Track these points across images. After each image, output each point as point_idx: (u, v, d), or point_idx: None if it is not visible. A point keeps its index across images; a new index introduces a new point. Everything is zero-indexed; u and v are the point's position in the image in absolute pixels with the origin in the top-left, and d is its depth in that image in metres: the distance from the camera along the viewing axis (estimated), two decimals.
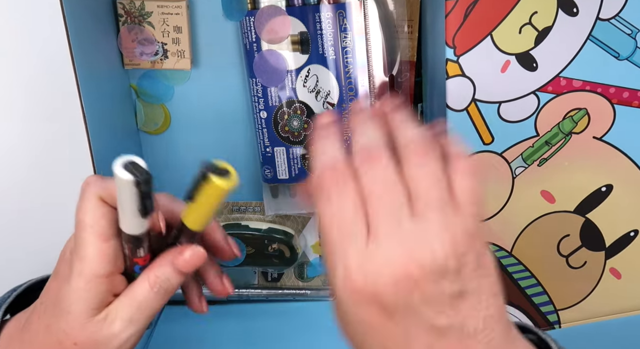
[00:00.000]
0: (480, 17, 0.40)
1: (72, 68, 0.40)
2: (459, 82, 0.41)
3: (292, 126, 0.50)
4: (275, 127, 0.50)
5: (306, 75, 0.49)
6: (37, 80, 0.43)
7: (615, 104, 0.42)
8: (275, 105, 0.50)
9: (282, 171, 0.51)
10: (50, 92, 0.42)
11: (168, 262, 0.32)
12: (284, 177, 0.51)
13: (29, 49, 0.42)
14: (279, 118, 0.50)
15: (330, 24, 0.47)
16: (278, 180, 0.51)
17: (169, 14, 0.49)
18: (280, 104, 0.50)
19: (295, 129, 0.50)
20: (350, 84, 0.48)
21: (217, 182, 0.28)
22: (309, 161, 0.50)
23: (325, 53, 0.48)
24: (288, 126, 0.50)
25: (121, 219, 0.30)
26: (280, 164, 0.51)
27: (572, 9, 0.40)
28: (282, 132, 0.50)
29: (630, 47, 0.41)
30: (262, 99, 0.50)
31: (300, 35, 0.48)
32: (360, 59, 0.48)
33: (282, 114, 0.50)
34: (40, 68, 0.42)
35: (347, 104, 0.49)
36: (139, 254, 0.31)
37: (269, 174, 0.51)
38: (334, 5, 0.47)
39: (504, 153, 0.42)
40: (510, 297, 0.45)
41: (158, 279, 0.31)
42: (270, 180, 0.52)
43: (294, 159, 0.51)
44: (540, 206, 0.44)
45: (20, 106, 0.43)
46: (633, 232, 0.45)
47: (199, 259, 0.32)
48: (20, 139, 0.44)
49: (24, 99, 0.43)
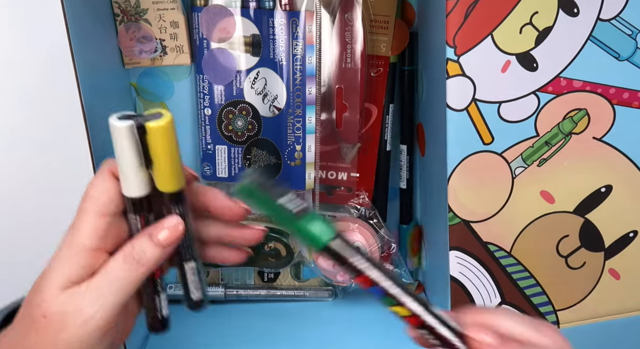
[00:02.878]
0: (480, 17, 0.40)
1: (73, 67, 0.40)
2: (459, 82, 0.41)
3: (236, 126, 0.50)
4: (219, 125, 0.50)
5: (255, 77, 0.49)
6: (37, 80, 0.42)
7: (615, 104, 0.42)
8: (220, 103, 0.50)
9: (222, 169, 0.51)
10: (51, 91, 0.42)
11: (146, 234, 0.31)
12: (223, 175, 0.52)
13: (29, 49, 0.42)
14: (223, 117, 0.50)
15: (283, 30, 0.48)
16: (217, 178, 0.52)
17: (164, 9, 0.49)
18: (226, 103, 0.50)
19: (239, 129, 0.50)
20: (297, 91, 0.49)
21: (151, 125, 0.28)
22: (250, 162, 0.51)
23: (276, 58, 0.48)
24: (232, 125, 0.50)
25: (123, 183, 0.30)
26: (221, 162, 0.51)
27: (572, 9, 0.40)
28: (225, 131, 0.50)
29: (630, 48, 0.41)
30: (208, 96, 0.50)
31: (252, 37, 0.48)
32: (309, 67, 0.48)
33: (227, 113, 0.50)
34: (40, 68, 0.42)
35: (294, 110, 0.49)
36: (151, 222, 0.31)
37: (207, 171, 0.52)
38: (288, 13, 0.47)
39: (503, 153, 0.42)
40: (509, 297, 0.45)
41: (132, 250, 0.30)
42: (208, 177, 0.52)
43: (235, 159, 0.51)
44: (539, 206, 0.44)
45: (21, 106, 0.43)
46: (632, 233, 0.45)
47: (176, 232, 0.31)
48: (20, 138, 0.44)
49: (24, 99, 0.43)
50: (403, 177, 0.54)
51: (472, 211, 0.43)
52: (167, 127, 0.28)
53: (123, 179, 0.30)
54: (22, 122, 0.43)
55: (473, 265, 0.44)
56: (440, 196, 0.45)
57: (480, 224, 0.43)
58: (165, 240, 0.31)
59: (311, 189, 0.51)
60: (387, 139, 0.53)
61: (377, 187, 0.54)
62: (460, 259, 0.44)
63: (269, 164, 0.51)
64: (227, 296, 0.56)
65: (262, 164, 0.51)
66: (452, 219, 0.43)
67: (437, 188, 0.46)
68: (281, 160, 0.51)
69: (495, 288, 0.45)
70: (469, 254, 0.44)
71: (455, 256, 0.44)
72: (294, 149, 0.50)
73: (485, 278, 0.44)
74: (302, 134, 0.50)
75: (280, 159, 0.51)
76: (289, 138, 0.50)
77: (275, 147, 0.51)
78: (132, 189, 0.30)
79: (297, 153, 0.50)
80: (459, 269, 0.44)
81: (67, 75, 0.40)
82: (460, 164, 0.42)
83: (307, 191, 0.51)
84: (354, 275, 0.31)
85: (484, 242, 0.44)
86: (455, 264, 0.44)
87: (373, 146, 0.53)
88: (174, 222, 0.31)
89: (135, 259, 0.30)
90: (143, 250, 0.30)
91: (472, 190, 0.43)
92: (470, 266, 0.44)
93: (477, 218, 0.43)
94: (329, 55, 0.49)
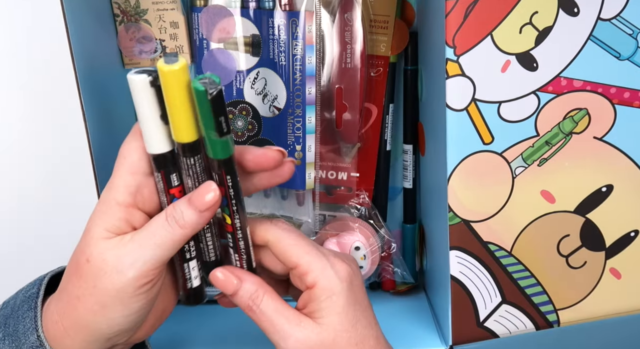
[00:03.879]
0: (480, 17, 0.40)
1: (72, 68, 0.40)
2: (459, 82, 0.41)
3: (236, 126, 0.50)
4: None
5: (255, 77, 0.49)
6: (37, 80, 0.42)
7: (616, 104, 0.42)
8: None
9: None
10: (50, 92, 0.42)
11: (186, 198, 0.32)
12: None
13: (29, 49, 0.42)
14: None
15: (282, 30, 0.47)
16: None
17: (164, 9, 0.49)
18: (226, 103, 0.50)
19: (239, 129, 0.50)
20: (297, 91, 0.49)
21: (165, 69, 0.27)
22: None
23: (276, 58, 0.48)
24: (232, 125, 0.50)
25: (145, 140, 0.30)
26: None
27: (572, 8, 0.40)
28: None
29: (631, 47, 0.41)
30: None
31: (252, 37, 0.48)
32: (309, 68, 0.48)
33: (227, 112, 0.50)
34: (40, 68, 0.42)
35: (294, 110, 0.49)
36: (173, 182, 0.31)
37: None
38: (287, 13, 0.47)
39: (504, 153, 0.42)
40: (510, 296, 0.45)
41: (173, 211, 0.31)
42: None
43: None
44: (540, 205, 0.44)
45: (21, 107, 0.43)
46: (633, 232, 0.44)
47: (213, 198, 0.31)
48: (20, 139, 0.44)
49: (24, 100, 0.43)
50: (409, 177, 0.54)
51: (472, 211, 0.43)
52: (182, 69, 0.28)
53: (144, 135, 0.30)
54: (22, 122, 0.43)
55: (473, 265, 0.44)
56: (440, 196, 0.45)
57: (480, 224, 0.43)
58: (203, 205, 0.31)
59: (311, 189, 0.51)
60: (387, 138, 0.53)
61: (377, 187, 0.54)
62: (460, 258, 0.44)
63: None
64: None
65: None
66: (452, 219, 0.43)
67: (437, 188, 0.46)
68: None
69: (495, 288, 0.45)
70: (470, 253, 0.44)
71: (456, 256, 0.44)
72: (294, 149, 0.50)
73: (485, 277, 0.44)
74: (302, 134, 0.50)
75: None
76: (289, 138, 0.50)
77: None
78: (152, 145, 0.30)
79: (297, 153, 0.50)
80: (460, 268, 0.44)
81: (67, 76, 0.40)
82: (460, 164, 0.42)
83: (307, 190, 0.51)
84: None
85: (484, 242, 0.44)
86: (456, 264, 0.44)
87: (373, 146, 0.53)
88: (211, 188, 0.31)
89: (177, 221, 0.31)
90: (182, 212, 0.31)
91: (472, 190, 0.43)
92: (471, 266, 0.44)
93: (478, 218, 0.43)
94: (328, 56, 0.49)
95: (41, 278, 0.36)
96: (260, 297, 0.34)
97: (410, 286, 0.56)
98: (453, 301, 0.44)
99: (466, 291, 0.44)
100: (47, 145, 0.44)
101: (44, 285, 0.35)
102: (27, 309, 0.34)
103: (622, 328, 0.46)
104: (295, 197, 0.52)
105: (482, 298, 0.44)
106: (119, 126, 0.49)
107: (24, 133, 0.44)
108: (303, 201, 0.52)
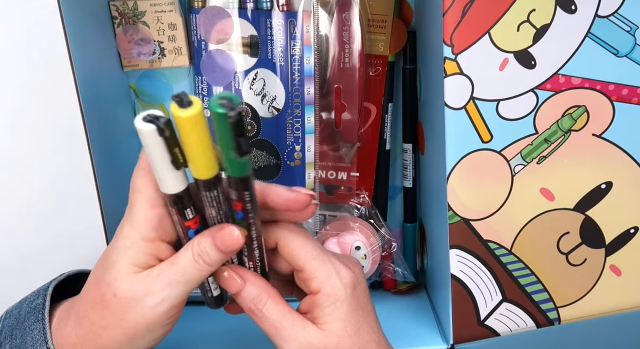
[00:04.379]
0: (478, 15, 0.40)
1: (71, 71, 0.40)
2: (457, 81, 0.41)
3: None
4: None
5: (253, 78, 0.49)
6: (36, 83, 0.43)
7: (614, 101, 0.42)
8: None
9: None
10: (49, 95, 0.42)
11: (210, 234, 0.32)
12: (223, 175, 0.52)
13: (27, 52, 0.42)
14: None
15: (280, 30, 0.48)
16: None
17: (162, 11, 0.49)
18: None
19: None
20: (296, 91, 0.49)
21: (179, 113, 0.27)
22: None
23: (274, 58, 0.48)
24: None
25: (158, 180, 0.30)
26: None
27: (570, 6, 0.40)
28: None
29: (629, 44, 0.41)
30: (207, 97, 0.50)
31: (250, 38, 0.48)
32: (307, 68, 0.48)
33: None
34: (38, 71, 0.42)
35: (292, 110, 0.49)
36: (187, 216, 0.31)
37: None
38: (285, 13, 0.47)
39: (502, 151, 0.42)
40: (510, 294, 0.45)
41: (199, 249, 0.32)
42: None
43: None
44: (539, 203, 0.44)
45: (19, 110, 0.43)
46: (633, 229, 0.44)
47: (237, 242, 0.32)
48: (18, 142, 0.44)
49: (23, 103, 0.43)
50: (409, 176, 0.54)
51: (472, 209, 0.43)
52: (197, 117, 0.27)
53: (156, 176, 0.30)
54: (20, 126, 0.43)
55: (474, 263, 0.44)
56: (439, 195, 0.45)
57: (480, 222, 0.43)
58: (227, 248, 0.32)
59: (311, 189, 0.51)
60: (387, 138, 0.53)
61: (377, 186, 0.54)
62: (460, 257, 0.44)
63: (269, 164, 0.51)
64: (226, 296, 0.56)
65: (262, 165, 0.51)
66: (452, 218, 0.43)
67: (436, 187, 0.46)
68: (281, 160, 0.51)
69: (496, 286, 0.45)
70: (470, 252, 0.44)
71: (456, 255, 0.44)
72: (294, 149, 0.50)
73: (486, 275, 0.44)
74: (302, 134, 0.50)
75: (280, 159, 0.51)
76: (289, 138, 0.50)
77: (274, 148, 0.51)
78: (164, 186, 0.30)
79: (297, 153, 0.50)
80: (460, 267, 0.44)
81: (66, 79, 0.40)
82: (459, 163, 0.42)
83: None
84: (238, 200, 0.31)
85: (484, 240, 0.44)
86: (456, 263, 0.44)
87: (372, 145, 0.53)
88: (234, 234, 0.32)
89: (202, 258, 0.32)
90: (207, 251, 0.32)
91: (472, 188, 0.43)
92: (471, 264, 0.44)
93: (477, 216, 0.43)
94: (327, 55, 0.49)
95: (45, 288, 0.36)
96: (264, 300, 0.34)
97: (411, 285, 0.56)
98: (454, 300, 0.44)
99: (467, 289, 0.44)
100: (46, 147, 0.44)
101: (49, 296, 0.35)
102: (34, 321, 0.34)
103: (622, 324, 0.46)
104: None
105: (482, 297, 0.45)
106: (118, 128, 0.49)
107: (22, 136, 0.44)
108: None
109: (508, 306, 0.45)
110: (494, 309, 0.45)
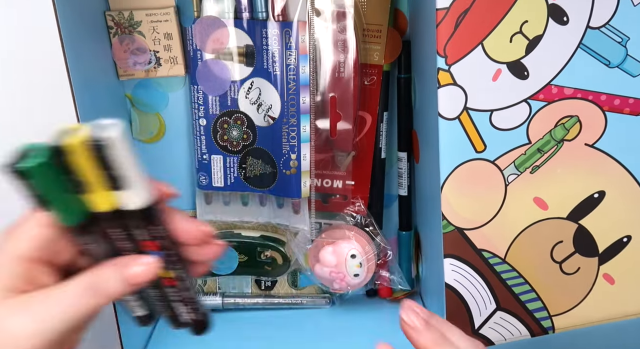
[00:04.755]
0: (471, 27, 0.40)
1: (68, 80, 0.40)
2: (451, 91, 0.41)
3: (231, 135, 0.50)
4: (214, 135, 0.51)
5: (249, 87, 0.49)
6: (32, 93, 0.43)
7: (606, 111, 0.42)
8: (215, 113, 0.50)
9: (218, 178, 0.52)
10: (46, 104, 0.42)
11: (115, 265, 0.28)
12: (219, 185, 0.52)
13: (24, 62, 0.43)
14: (218, 127, 0.51)
15: (276, 40, 0.48)
16: (213, 187, 0.52)
17: (158, 21, 0.49)
18: (220, 113, 0.50)
19: (234, 138, 0.51)
20: (292, 100, 0.49)
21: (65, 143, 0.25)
22: (245, 171, 0.51)
23: (270, 68, 0.49)
24: (227, 135, 0.50)
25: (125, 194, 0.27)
26: (216, 172, 0.52)
27: (562, 17, 0.41)
28: (220, 141, 0.51)
29: (620, 55, 0.41)
30: (203, 106, 0.50)
31: (245, 47, 0.48)
32: (303, 77, 0.48)
33: (222, 123, 0.50)
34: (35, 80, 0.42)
35: (288, 119, 0.49)
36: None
37: (204, 180, 0.52)
38: (280, 23, 0.48)
39: (496, 161, 0.43)
40: (504, 303, 0.45)
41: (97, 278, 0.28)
42: (205, 187, 0.52)
43: (231, 168, 0.51)
44: (533, 212, 0.44)
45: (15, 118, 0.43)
46: (626, 237, 0.45)
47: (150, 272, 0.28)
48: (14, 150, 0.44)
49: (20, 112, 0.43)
50: (404, 184, 0.54)
51: (466, 219, 0.43)
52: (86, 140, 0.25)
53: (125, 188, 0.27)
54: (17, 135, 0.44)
55: (468, 272, 0.44)
56: (434, 204, 0.45)
57: (474, 232, 0.44)
58: (135, 278, 0.28)
59: (307, 197, 0.52)
60: (382, 146, 0.53)
61: (372, 194, 0.54)
62: (454, 266, 0.44)
63: (265, 172, 0.51)
64: (224, 305, 0.56)
65: (257, 174, 0.52)
66: (446, 227, 0.43)
67: (430, 196, 0.47)
68: (277, 169, 0.51)
69: (490, 295, 0.45)
70: (464, 261, 0.44)
71: (450, 264, 0.44)
72: (289, 157, 0.50)
73: (480, 284, 0.45)
74: (297, 142, 0.50)
75: (275, 168, 0.51)
76: (284, 147, 0.50)
77: (270, 156, 0.51)
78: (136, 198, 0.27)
79: (292, 162, 0.51)
80: (454, 276, 0.44)
81: (62, 88, 0.40)
82: (453, 172, 0.42)
83: (303, 199, 0.52)
84: None
85: (478, 250, 0.44)
86: (450, 272, 0.44)
87: (368, 154, 0.53)
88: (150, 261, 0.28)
89: (97, 288, 0.27)
90: (107, 281, 0.28)
91: (466, 198, 0.43)
92: (465, 273, 0.44)
93: (471, 226, 0.43)
94: (322, 65, 0.50)
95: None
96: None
97: (407, 293, 0.56)
98: (448, 309, 0.45)
99: (461, 298, 0.44)
100: None
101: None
102: None
103: (616, 333, 0.46)
104: (291, 205, 0.52)
105: (476, 305, 0.45)
106: None
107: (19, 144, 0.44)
108: (299, 210, 0.52)
109: (502, 314, 0.45)
110: (488, 318, 0.45)
